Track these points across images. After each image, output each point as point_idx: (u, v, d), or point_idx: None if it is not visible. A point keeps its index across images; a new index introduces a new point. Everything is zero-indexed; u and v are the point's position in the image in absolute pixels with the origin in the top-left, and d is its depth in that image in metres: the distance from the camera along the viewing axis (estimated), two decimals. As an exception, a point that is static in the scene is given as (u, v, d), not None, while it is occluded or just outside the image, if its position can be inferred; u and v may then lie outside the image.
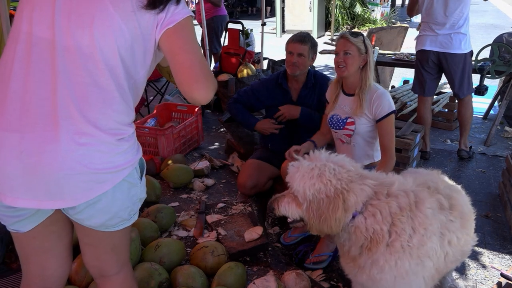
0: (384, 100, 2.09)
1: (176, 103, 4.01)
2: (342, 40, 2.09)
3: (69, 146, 1.06)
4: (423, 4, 3.19)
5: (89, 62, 1.09)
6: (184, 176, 2.98)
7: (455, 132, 3.96)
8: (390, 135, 2.11)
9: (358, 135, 2.18)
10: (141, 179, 1.25)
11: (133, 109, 1.21)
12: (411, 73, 5.00)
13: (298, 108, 2.62)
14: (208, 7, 5.12)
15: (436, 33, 3.13)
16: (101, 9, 1.09)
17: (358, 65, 2.09)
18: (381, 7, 11.43)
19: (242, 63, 4.51)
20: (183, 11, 1.16)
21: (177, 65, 1.15)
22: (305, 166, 1.47)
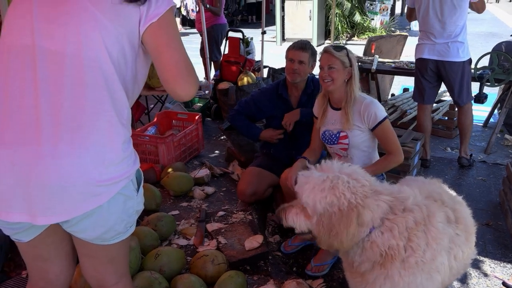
0: (373, 108, 2.10)
1: (176, 111, 4.02)
2: (325, 54, 2.10)
3: (61, 157, 1.02)
4: (419, 14, 3.22)
5: (74, 65, 1.04)
6: (184, 184, 2.98)
7: (455, 140, 3.96)
8: (390, 138, 2.11)
9: (353, 148, 2.18)
10: (138, 191, 1.21)
11: (128, 115, 1.16)
12: (411, 81, 5.02)
13: (297, 111, 2.64)
14: (208, 15, 5.16)
15: (433, 42, 3.15)
16: (79, 7, 1.05)
17: (343, 79, 2.10)
18: (380, 15, 11.50)
19: (242, 71, 4.52)
20: (165, 2, 1.13)
21: (162, 63, 1.13)
22: (316, 177, 1.42)
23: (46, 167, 1.02)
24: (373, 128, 2.11)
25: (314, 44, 10.07)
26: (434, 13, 3.08)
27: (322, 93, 2.26)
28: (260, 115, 2.85)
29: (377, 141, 2.22)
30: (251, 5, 16.09)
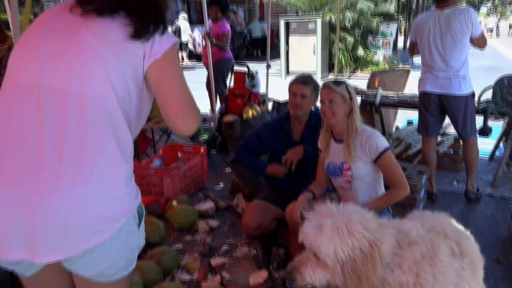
0: (374, 139, 2.11)
1: (182, 144, 4.05)
2: (325, 89, 2.15)
3: (63, 195, 1.01)
4: (421, 48, 3.27)
5: (77, 102, 1.04)
6: (188, 217, 2.96)
7: (461, 173, 3.94)
8: (393, 169, 2.11)
9: (357, 180, 2.18)
10: (139, 226, 1.19)
11: (130, 151, 1.16)
12: (415, 115, 5.04)
13: (300, 148, 2.64)
14: (215, 50, 5.28)
15: (436, 76, 3.19)
16: (84, 44, 1.06)
17: (344, 112, 2.13)
18: (383, 50, 11.72)
19: (247, 104, 4.59)
20: (168, 39, 1.15)
21: (165, 99, 1.15)
22: (328, 227, 1.36)
23: (48, 205, 1.01)
24: (375, 159, 2.11)
25: (318, 77, 10.23)
26: (436, 48, 3.14)
27: (324, 126, 2.29)
28: (264, 148, 2.87)
29: (382, 174, 2.22)
30: (256, 39, 16.49)
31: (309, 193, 2.26)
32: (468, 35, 3.08)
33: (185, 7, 16.07)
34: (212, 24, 5.40)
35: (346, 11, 10.72)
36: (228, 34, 5.39)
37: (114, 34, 1.08)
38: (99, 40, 1.07)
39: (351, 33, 11.31)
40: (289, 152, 2.64)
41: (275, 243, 2.73)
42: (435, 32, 3.12)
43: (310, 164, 2.58)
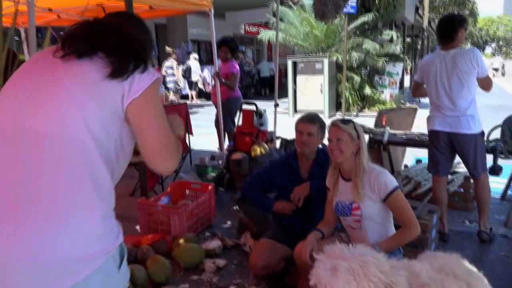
0: (382, 178, 2.10)
1: (190, 181, 4.05)
2: (333, 127, 2.17)
3: (36, 236, 0.99)
4: (428, 88, 3.31)
5: (53, 144, 1.04)
6: (195, 256, 2.92)
7: (473, 213, 3.86)
8: (403, 209, 2.08)
9: (367, 219, 2.15)
10: (120, 267, 1.13)
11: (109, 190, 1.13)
12: (423, 153, 5.02)
13: (306, 184, 2.63)
14: (224, 89, 5.40)
15: (444, 115, 3.20)
16: (61, 87, 1.07)
17: (351, 151, 2.14)
18: (389, 88, 11.87)
19: (255, 142, 4.62)
20: (148, 76, 1.14)
21: (144, 140, 1.14)
22: (344, 268, 1.35)
23: (18, 246, 0.99)
24: (384, 198, 2.09)
25: (325, 116, 10.33)
26: (443, 87, 3.17)
27: (332, 164, 2.29)
28: (272, 186, 2.86)
29: (392, 213, 2.19)
30: (264, 78, 16.85)
31: (318, 233, 2.23)
32: (474, 75, 3.11)
33: (196, 48, 16.58)
34: (222, 64, 5.55)
35: (352, 51, 10.97)
36: (237, 74, 5.53)
37: (93, 76, 1.09)
38: (77, 82, 1.08)
39: (357, 73, 11.51)
40: (296, 188, 2.64)
41: (284, 284, 2.66)
42: (441, 72, 3.17)
43: (318, 202, 2.56)
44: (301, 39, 11.73)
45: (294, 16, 11.69)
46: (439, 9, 27.95)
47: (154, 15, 5.83)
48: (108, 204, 1.12)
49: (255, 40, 19.40)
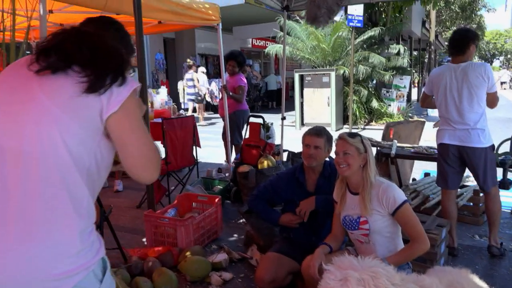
0: (391, 192, 2.08)
1: (197, 194, 4.06)
2: (340, 141, 2.17)
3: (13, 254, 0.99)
4: (437, 101, 3.29)
5: (29, 161, 1.02)
6: (201, 269, 2.91)
7: (482, 227, 3.81)
8: (412, 223, 2.06)
9: (375, 233, 2.13)
10: (102, 282, 1.11)
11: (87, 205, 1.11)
12: (431, 166, 4.99)
13: (312, 198, 2.62)
14: (231, 102, 5.43)
15: (453, 128, 3.17)
16: (36, 104, 1.05)
17: (358, 164, 2.13)
18: (397, 102, 11.85)
19: (262, 154, 4.62)
20: (126, 88, 1.11)
21: (124, 152, 1.12)
22: (355, 279, 1.34)
23: None
24: (393, 212, 2.07)
25: (332, 129, 10.32)
26: (452, 100, 3.16)
27: (339, 178, 2.28)
28: (278, 199, 2.85)
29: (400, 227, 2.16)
30: (272, 92, 16.92)
31: (326, 247, 2.22)
32: (484, 89, 3.09)
33: (204, 62, 16.74)
34: (229, 78, 5.59)
35: (359, 65, 11.00)
36: (245, 87, 5.56)
37: (68, 91, 1.06)
38: (52, 98, 1.05)
39: (364, 86, 11.52)
40: (301, 203, 2.63)
41: (290, 298, 2.63)
42: (451, 85, 3.15)
43: (325, 216, 2.55)
44: (308, 52, 11.80)
45: (301, 30, 11.78)
46: (445, 22, 28.03)
47: (163, 29, 5.92)
48: (87, 220, 1.10)
49: (262, 54, 19.56)
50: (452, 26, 30.09)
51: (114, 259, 3.17)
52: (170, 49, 16.23)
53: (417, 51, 22.48)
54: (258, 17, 14.07)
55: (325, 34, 11.62)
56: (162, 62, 15.42)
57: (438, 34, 23.33)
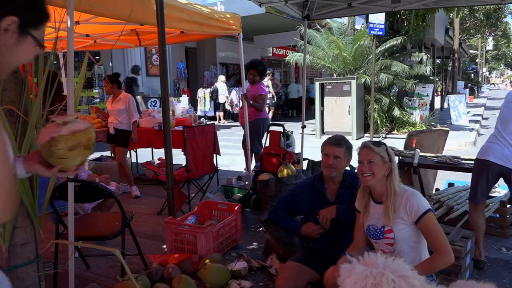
0: (415, 200, 2.05)
1: (216, 201, 4.07)
2: (365, 149, 2.14)
3: None
4: (500, 114, 3.16)
5: None
6: (221, 277, 2.91)
7: (510, 239, 3.69)
8: (435, 233, 2.01)
9: (400, 242, 2.09)
10: None
11: None
12: (455, 176, 4.89)
13: (333, 208, 2.59)
14: (251, 111, 5.45)
15: (503, 146, 3.03)
16: None
17: (383, 173, 2.11)
18: (419, 110, 11.65)
19: (282, 163, 4.62)
20: None
21: None
22: (358, 272, 1.36)
23: None
24: (416, 220, 2.03)
25: (353, 137, 10.22)
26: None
27: (361, 187, 2.25)
28: (298, 209, 2.83)
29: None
30: (292, 100, 16.91)
31: (350, 257, 2.19)
32: None
33: (224, 70, 16.91)
34: (250, 86, 5.63)
35: (381, 73, 10.89)
36: (265, 96, 5.58)
37: None
38: None
39: (386, 94, 11.39)
40: (322, 211, 2.60)
41: (310, 309, 2.60)
42: None
43: (345, 226, 2.52)
44: (329, 61, 11.77)
45: (322, 39, 11.77)
46: (470, 30, 27.50)
47: (185, 39, 6.02)
48: None
49: (283, 63, 19.61)
50: (477, 33, 29.52)
51: (135, 265, 3.21)
52: (192, 58, 16.47)
53: (440, 59, 22.12)
54: (278, 26, 14.14)
55: (346, 42, 11.57)
56: (184, 71, 15.66)
57: (462, 42, 22.91)
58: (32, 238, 2.21)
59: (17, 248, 2.14)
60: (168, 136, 3.56)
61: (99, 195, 3.04)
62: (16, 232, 2.13)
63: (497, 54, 47.10)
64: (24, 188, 2.06)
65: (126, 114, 5.31)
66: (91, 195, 2.99)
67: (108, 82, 5.30)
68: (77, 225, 2.44)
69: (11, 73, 2.08)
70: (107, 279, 3.10)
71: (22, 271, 2.16)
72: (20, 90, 2.10)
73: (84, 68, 2.32)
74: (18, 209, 2.11)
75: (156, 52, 13.47)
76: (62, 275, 2.77)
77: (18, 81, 2.11)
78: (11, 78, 2.08)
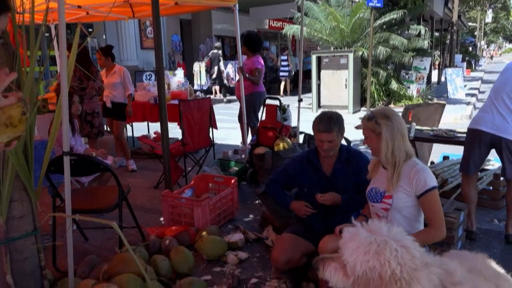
0: (423, 174, 2.06)
1: (213, 175, 4.09)
2: (369, 123, 2.14)
3: None
4: (495, 84, 3.16)
5: None
6: (218, 249, 2.96)
7: (502, 211, 3.75)
8: (435, 210, 2.04)
9: (395, 210, 2.13)
10: None
11: None
12: (450, 149, 4.91)
13: (339, 198, 2.58)
14: (248, 84, 5.41)
15: (493, 116, 3.04)
16: None
17: (379, 145, 2.11)
18: (416, 84, 11.59)
19: (278, 137, 4.62)
20: None
21: None
22: (362, 237, 1.38)
23: None
24: (419, 195, 2.06)
25: (349, 111, 10.19)
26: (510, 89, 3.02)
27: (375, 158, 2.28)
28: (293, 182, 2.84)
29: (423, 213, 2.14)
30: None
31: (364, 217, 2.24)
32: None
33: (220, 44, 16.65)
34: (246, 59, 5.55)
35: (379, 46, 10.77)
36: (262, 69, 5.52)
37: None
38: None
39: (383, 68, 11.29)
40: (329, 195, 2.56)
41: (305, 278, 2.66)
42: None
43: (344, 211, 2.54)
44: (326, 34, 11.59)
45: (319, 11, 11.55)
46: (469, 2, 27.06)
47: (179, 11, 5.89)
48: None
49: (279, 36, 19.31)
50: (476, 6, 29.08)
51: (133, 237, 3.25)
52: (187, 30, 16.17)
53: (438, 32, 21.84)
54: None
55: (344, 15, 11.37)
56: (179, 44, 15.41)
57: (461, 15, 22.58)
58: (29, 211, 2.22)
59: (15, 221, 2.16)
60: (164, 110, 3.54)
61: (96, 169, 3.05)
62: (13, 205, 2.14)
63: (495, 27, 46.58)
64: (19, 161, 2.06)
65: (121, 88, 5.25)
66: (87, 168, 3.00)
67: (101, 55, 5.21)
68: (74, 198, 2.45)
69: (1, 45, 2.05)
70: (105, 251, 3.15)
71: (20, 243, 2.19)
72: (12, 62, 2.06)
73: (77, 41, 2.27)
74: (14, 182, 2.12)
75: (150, 25, 13.19)
76: (60, 247, 2.80)
77: (9, 53, 2.07)
78: (2, 50, 2.04)
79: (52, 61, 8.23)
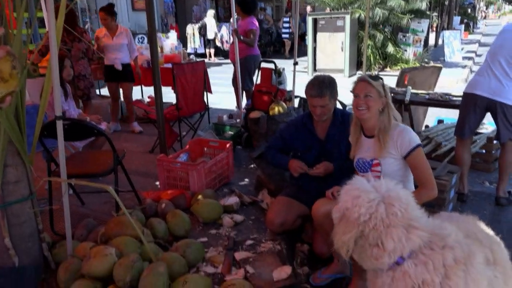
0: (406, 135, 2.07)
1: (208, 139, 4.09)
2: (362, 83, 2.11)
3: None
4: (491, 47, 3.12)
5: None
6: (213, 212, 3.00)
7: (493, 174, 3.81)
8: (422, 168, 2.06)
9: (387, 176, 2.13)
10: None
11: None
12: (445, 113, 4.92)
13: (332, 167, 2.59)
14: (242, 47, 5.29)
15: (489, 79, 3.03)
16: None
17: (378, 108, 2.10)
18: (413, 47, 11.43)
19: (274, 101, 4.59)
20: None
21: None
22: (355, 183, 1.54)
23: None
24: (405, 155, 2.07)
25: (345, 75, 10.09)
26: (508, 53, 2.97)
27: (354, 120, 2.25)
28: (289, 147, 2.84)
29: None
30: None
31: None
32: None
33: (214, 5, 16.18)
34: (241, 21, 5.42)
35: (376, 7, 10.52)
36: (256, 31, 5.40)
37: None
38: None
39: (380, 30, 11.08)
40: (321, 167, 2.56)
41: (299, 240, 2.72)
42: None
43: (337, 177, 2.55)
44: (323, -6, 11.29)
45: (316, -30, 11.19)
46: (470, -39, 26.25)
47: (171, -31, 5.67)
48: None
49: (275, -4, 18.78)
50: (477, -35, 28.19)
51: (129, 201, 3.28)
52: (179, -9, 15.66)
53: (437, -7, 21.28)
54: (270, -44, 13.34)
55: (341, -26, 11.03)
56: (171, 6, 14.96)
57: (462, -26, 21.94)
58: (24, 176, 2.22)
59: (10, 185, 2.16)
60: (157, 74, 3.48)
61: (90, 134, 3.03)
62: (7, 170, 2.14)
63: (495, -13, 45.45)
64: (11, 125, 2.03)
65: (127, 49, 5.12)
66: (81, 133, 2.97)
67: (107, 14, 5.00)
68: (69, 163, 2.45)
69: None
70: (101, 214, 3.18)
71: (17, 207, 2.20)
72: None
73: (64, 1, 2.18)
74: (8, 147, 2.10)
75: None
76: (57, 211, 2.82)
77: (-5, 13, 2.00)
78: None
79: (40, 23, 7.98)
